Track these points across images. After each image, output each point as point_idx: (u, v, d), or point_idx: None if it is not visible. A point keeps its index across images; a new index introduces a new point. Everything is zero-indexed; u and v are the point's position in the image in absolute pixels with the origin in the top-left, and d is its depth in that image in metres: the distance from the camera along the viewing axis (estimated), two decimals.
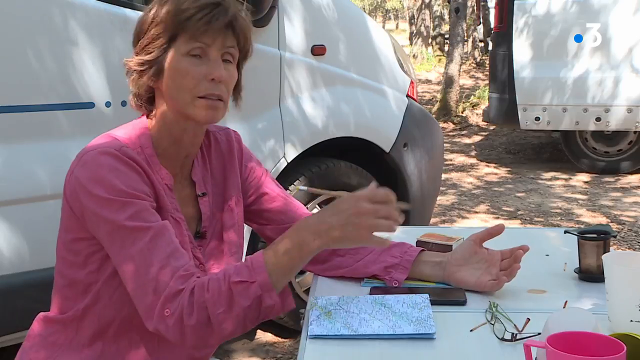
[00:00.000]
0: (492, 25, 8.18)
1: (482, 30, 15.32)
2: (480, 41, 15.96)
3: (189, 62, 1.36)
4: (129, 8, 2.51)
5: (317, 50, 3.10)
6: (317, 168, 3.13)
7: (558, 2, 6.31)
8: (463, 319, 1.38)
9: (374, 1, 36.95)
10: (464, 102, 10.39)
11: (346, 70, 3.24)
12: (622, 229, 4.92)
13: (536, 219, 5.30)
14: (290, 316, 3.14)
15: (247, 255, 1.40)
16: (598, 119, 6.29)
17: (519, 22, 6.43)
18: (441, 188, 4.97)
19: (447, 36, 13.80)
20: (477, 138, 8.95)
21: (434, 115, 7.58)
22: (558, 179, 6.57)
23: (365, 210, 1.27)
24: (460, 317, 1.39)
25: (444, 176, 5.76)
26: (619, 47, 6.17)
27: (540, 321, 1.20)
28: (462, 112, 10.06)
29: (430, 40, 17.35)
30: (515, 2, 6.44)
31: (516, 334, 1.28)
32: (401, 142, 3.39)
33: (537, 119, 6.41)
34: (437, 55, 16.28)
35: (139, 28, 1.41)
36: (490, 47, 7.97)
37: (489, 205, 5.74)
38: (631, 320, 1.25)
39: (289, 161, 3.01)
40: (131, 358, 1.40)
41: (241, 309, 1.24)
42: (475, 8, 14.37)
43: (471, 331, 1.32)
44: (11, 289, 2.31)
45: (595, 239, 1.59)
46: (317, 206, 3.12)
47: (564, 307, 1.42)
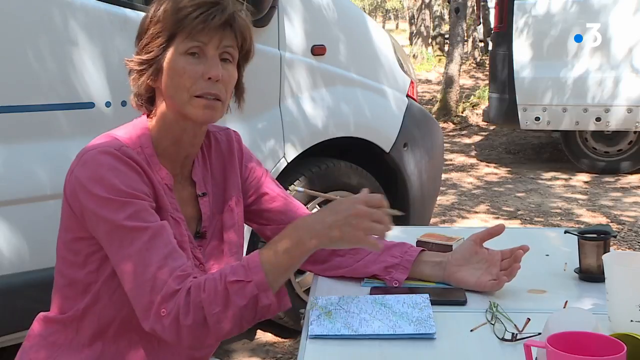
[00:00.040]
0: (492, 25, 8.18)
1: (482, 30, 15.32)
2: (480, 41, 15.96)
3: (186, 61, 1.36)
4: (129, 8, 2.51)
5: (317, 50, 3.10)
6: (317, 168, 3.13)
7: (558, 2, 6.31)
8: (463, 319, 1.38)
9: (374, 1, 36.94)
10: (464, 102, 10.39)
11: (346, 70, 3.24)
12: (622, 229, 4.92)
13: (536, 219, 5.30)
14: (290, 316, 3.14)
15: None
16: (598, 119, 6.29)
17: (519, 22, 6.43)
18: (441, 188, 4.97)
19: (447, 36, 13.80)
20: (477, 138, 8.95)
21: (434, 115, 7.58)
22: (558, 179, 6.57)
23: (363, 213, 1.29)
24: (460, 317, 1.39)
25: (444, 176, 5.76)
26: (619, 47, 6.17)
27: (541, 321, 1.20)
28: (462, 112, 10.06)
29: (430, 40, 17.35)
30: (515, 2, 6.44)
31: (516, 334, 1.28)
32: (401, 142, 3.39)
33: (537, 119, 6.41)
34: (437, 55, 16.28)
35: (140, 27, 1.41)
36: (490, 47, 7.97)
37: (489, 205, 5.74)
38: (631, 320, 1.25)
39: (289, 161, 3.01)
40: (131, 358, 1.40)
41: (237, 309, 1.24)
42: (475, 8, 14.37)
43: (471, 331, 1.32)
44: (11, 289, 2.31)
45: (596, 239, 1.59)
46: (317, 206, 3.11)
47: (564, 307, 1.42)
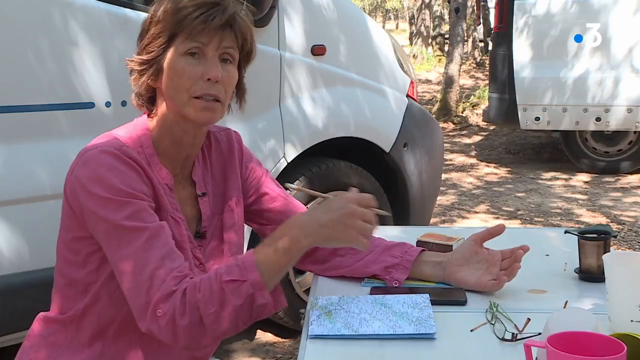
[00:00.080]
0: (492, 25, 8.18)
1: (482, 30, 15.32)
2: (480, 41, 15.96)
3: (185, 62, 1.36)
4: (129, 8, 2.51)
5: (317, 50, 3.10)
6: (317, 168, 3.13)
7: (558, 2, 6.31)
8: (463, 319, 1.38)
9: (374, 1, 36.94)
10: (464, 102, 10.39)
11: (346, 70, 3.24)
12: (622, 229, 4.92)
13: (536, 219, 5.30)
14: (290, 316, 3.14)
15: None
16: (598, 119, 6.29)
17: (519, 22, 6.43)
18: (441, 188, 4.97)
19: (447, 36, 13.80)
20: (477, 138, 8.95)
21: (434, 115, 7.58)
22: (558, 179, 6.57)
23: (356, 212, 1.29)
24: (460, 317, 1.39)
25: (444, 176, 5.76)
26: (619, 47, 6.17)
27: (541, 321, 1.20)
28: (462, 112, 10.06)
29: (430, 40, 17.35)
30: (515, 2, 6.44)
31: (516, 334, 1.28)
32: (401, 142, 3.39)
33: (537, 119, 6.41)
34: (437, 55, 16.28)
35: (141, 28, 1.41)
36: (490, 47, 7.96)
37: (489, 205, 5.73)
38: (631, 320, 1.25)
39: (289, 161, 3.01)
40: (131, 358, 1.40)
41: (233, 308, 1.24)
42: (475, 8, 14.36)
43: (471, 331, 1.32)
44: (11, 289, 2.31)
45: (596, 239, 1.59)
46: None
47: (564, 307, 1.42)
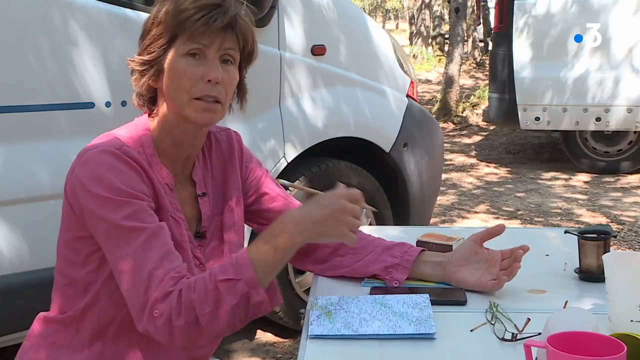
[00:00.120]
0: (492, 25, 8.18)
1: (482, 30, 15.32)
2: (480, 41, 15.96)
3: (186, 63, 1.36)
4: (129, 8, 2.51)
5: (317, 50, 3.10)
6: (317, 168, 3.13)
7: (558, 2, 6.31)
8: (463, 319, 1.38)
9: (374, 1, 36.93)
10: (464, 102, 10.39)
11: (346, 70, 3.24)
12: (622, 229, 4.92)
13: (536, 219, 5.30)
14: (290, 316, 3.14)
15: None
16: (598, 119, 6.29)
17: (519, 22, 6.42)
18: (441, 188, 4.97)
19: (447, 36, 13.80)
20: (477, 138, 8.95)
21: (434, 115, 7.58)
22: (558, 179, 6.57)
23: (347, 208, 1.30)
24: (460, 317, 1.39)
25: (444, 176, 5.76)
26: (619, 47, 6.17)
27: (541, 321, 1.20)
28: (462, 112, 10.06)
29: (430, 40, 17.35)
30: (515, 2, 6.44)
31: (516, 334, 1.28)
32: (401, 142, 3.39)
33: (537, 119, 6.41)
34: (437, 55, 16.28)
35: (143, 28, 1.41)
36: (490, 47, 7.96)
37: (489, 205, 5.74)
38: (631, 320, 1.25)
39: (289, 161, 3.01)
40: (130, 358, 1.40)
41: (229, 307, 1.24)
42: (475, 8, 14.36)
43: (471, 331, 1.32)
44: (11, 289, 2.31)
45: (596, 239, 1.59)
46: None
47: (564, 307, 1.42)
